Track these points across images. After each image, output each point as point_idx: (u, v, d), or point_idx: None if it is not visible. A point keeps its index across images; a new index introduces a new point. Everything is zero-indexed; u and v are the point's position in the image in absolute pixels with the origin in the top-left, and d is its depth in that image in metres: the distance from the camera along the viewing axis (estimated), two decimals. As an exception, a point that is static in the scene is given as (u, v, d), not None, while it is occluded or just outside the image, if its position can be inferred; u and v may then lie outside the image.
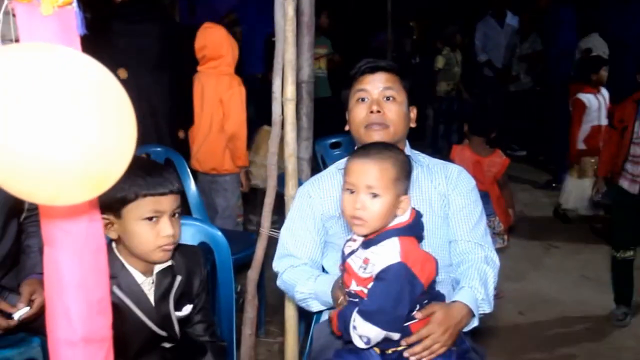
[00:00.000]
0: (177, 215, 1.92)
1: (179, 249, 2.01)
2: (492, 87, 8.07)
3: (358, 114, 2.21)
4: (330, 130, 4.42)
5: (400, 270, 1.73)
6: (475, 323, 1.98)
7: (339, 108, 2.36)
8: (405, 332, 1.81)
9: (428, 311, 1.84)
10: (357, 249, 1.84)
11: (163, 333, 1.95)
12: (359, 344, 1.77)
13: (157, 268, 1.95)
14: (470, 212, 2.22)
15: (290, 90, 2.52)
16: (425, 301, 1.84)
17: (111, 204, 1.79)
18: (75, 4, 1.07)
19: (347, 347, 1.89)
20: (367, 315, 1.74)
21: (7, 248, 2.34)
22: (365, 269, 1.79)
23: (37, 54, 0.97)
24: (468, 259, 2.16)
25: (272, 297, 3.84)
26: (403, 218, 1.82)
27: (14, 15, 1.06)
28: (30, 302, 2.24)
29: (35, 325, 2.34)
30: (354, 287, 1.83)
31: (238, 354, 2.69)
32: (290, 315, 2.70)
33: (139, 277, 1.92)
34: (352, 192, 1.83)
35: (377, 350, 1.82)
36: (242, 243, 3.53)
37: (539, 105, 7.90)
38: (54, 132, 0.90)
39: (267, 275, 3.08)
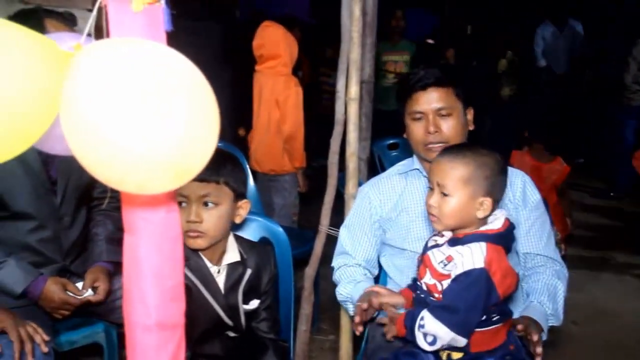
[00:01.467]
0: (210, 205, 1.93)
1: (251, 245, 2.06)
2: (551, 92, 7.93)
3: (416, 132, 2.21)
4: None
5: (481, 276, 1.72)
6: (543, 338, 1.97)
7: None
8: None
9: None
10: (442, 245, 1.85)
11: (229, 322, 2.00)
12: (423, 344, 1.77)
13: (226, 259, 2.00)
14: (540, 226, 2.24)
15: (355, 90, 2.54)
16: (497, 317, 1.81)
17: None
18: (163, 1, 1.11)
19: (404, 350, 1.91)
20: (438, 314, 1.74)
21: (76, 235, 2.42)
22: (445, 265, 1.79)
23: (128, 48, 1.01)
24: (539, 273, 2.19)
25: (324, 295, 3.86)
26: (495, 225, 1.81)
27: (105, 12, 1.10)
28: (93, 289, 2.32)
29: (98, 312, 2.42)
30: (427, 279, 1.84)
31: (293, 350, 2.72)
32: (345, 313, 2.72)
33: (208, 264, 1.97)
34: (431, 189, 1.87)
35: (444, 355, 1.82)
36: (298, 240, 3.55)
37: (595, 111, 7.74)
38: (144, 122, 0.94)
39: (321, 273, 3.10)
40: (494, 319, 1.80)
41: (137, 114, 0.93)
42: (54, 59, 1.02)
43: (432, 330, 1.74)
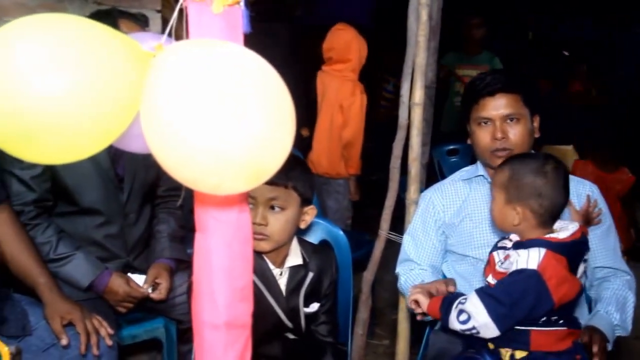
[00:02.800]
0: (277, 209, 1.94)
1: (314, 248, 2.07)
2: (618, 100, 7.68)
3: (481, 138, 2.18)
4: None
5: (532, 277, 1.74)
6: (608, 348, 1.93)
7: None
8: (517, 339, 1.81)
9: None
10: (508, 247, 1.88)
11: (289, 324, 2.01)
12: (453, 321, 1.82)
13: (289, 262, 2.01)
14: (608, 237, 2.21)
15: (419, 95, 2.52)
16: (561, 321, 1.82)
17: None
18: (242, 3, 1.12)
19: (465, 355, 1.91)
20: (484, 297, 1.78)
21: (140, 232, 2.47)
22: (502, 263, 1.84)
23: (207, 49, 1.02)
24: (608, 282, 2.15)
25: (378, 300, 3.85)
26: (560, 235, 1.82)
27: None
28: (154, 285, 2.35)
29: (159, 308, 2.46)
30: (490, 278, 1.88)
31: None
32: (403, 319, 2.70)
33: (270, 266, 1.98)
34: None
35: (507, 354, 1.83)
36: (354, 243, 3.54)
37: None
38: (222, 123, 0.94)
39: (376, 278, 3.08)
40: (556, 321, 1.81)
41: (215, 115, 0.94)
42: (136, 59, 1.04)
43: (471, 309, 1.79)
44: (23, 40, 0.96)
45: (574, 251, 1.83)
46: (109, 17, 2.11)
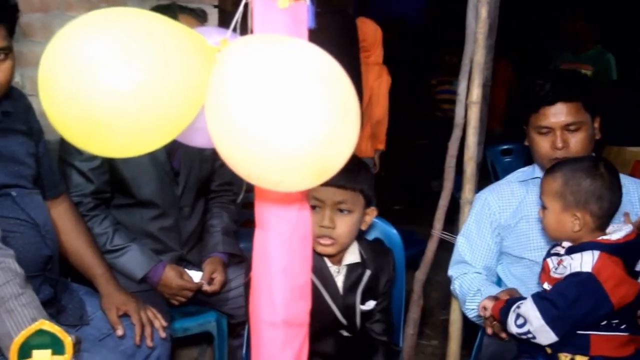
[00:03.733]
0: (344, 212, 1.94)
1: (371, 246, 2.06)
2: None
3: (541, 146, 2.13)
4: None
5: (588, 280, 1.73)
6: None
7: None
8: (577, 343, 1.78)
9: None
10: (562, 252, 1.86)
11: (344, 321, 2.00)
12: (511, 324, 1.81)
13: (346, 260, 2.00)
14: None
15: (476, 93, 2.48)
16: (623, 326, 1.78)
17: None
18: (308, -1, 1.11)
19: (519, 358, 1.89)
20: (538, 301, 1.78)
21: (194, 225, 2.49)
22: (556, 269, 1.83)
23: (272, 44, 1.01)
24: None
25: (427, 300, 3.80)
26: (614, 236, 1.79)
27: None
28: (210, 279, 2.37)
29: (211, 301, 2.48)
30: (546, 285, 1.86)
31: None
32: (455, 320, 2.66)
33: (328, 263, 1.98)
34: None
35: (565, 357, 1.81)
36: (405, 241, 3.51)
37: None
38: (286, 119, 0.93)
39: (426, 277, 3.05)
40: (618, 325, 1.78)
41: (279, 110, 0.93)
42: (202, 53, 1.04)
43: (526, 313, 1.78)
44: (92, 34, 0.97)
45: (629, 252, 1.80)
46: (169, 11, 2.12)
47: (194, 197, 2.47)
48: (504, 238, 2.26)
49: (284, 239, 1.19)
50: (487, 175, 4.12)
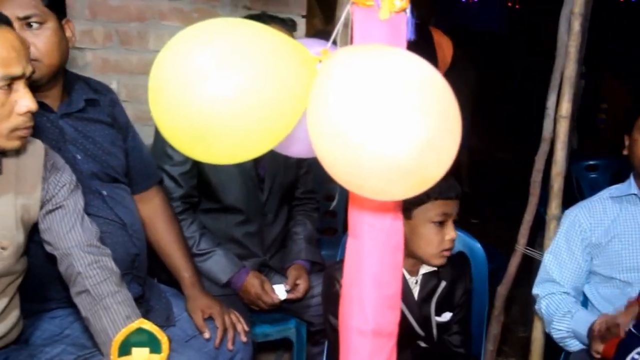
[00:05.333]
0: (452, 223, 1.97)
1: (448, 257, 2.04)
2: None
3: None
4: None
5: None
6: None
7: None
8: None
9: None
10: None
11: (421, 332, 1.99)
12: None
13: (423, 270, 1.99)
14: None
15: (566, 108, 2.43)
16: None
17: (404, 204, 1.86)
18: (409, 10, 1.11)
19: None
20: None
21: (277, 232, 2.52)
22: None
23: (373, 55, 1.02)
24: None
25: (507, 316, 3.74)
26: None
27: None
28: (293, 286, 2.39)
29: (292, 308, 2.50)
30: None
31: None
32: (537, 338, 2.61)
33: (405, 274, 1.97)
34: None
35: None
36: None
37: None
38: (388, 128, 0.94)
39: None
40: None
41: (381, 120, 0.94)
42: (304, 63, 1.06)
43: None
44: (200, 44, 1.00)
45: None
46: (260, 21, 2.14)
47: (278, 204, 2.51)
48: (594, 257, 2.20)
49: (377, 249, 1.19)
50: (571, 191, 4.01)
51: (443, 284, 2.03)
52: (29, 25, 1.78)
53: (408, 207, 1.86)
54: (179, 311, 2.09)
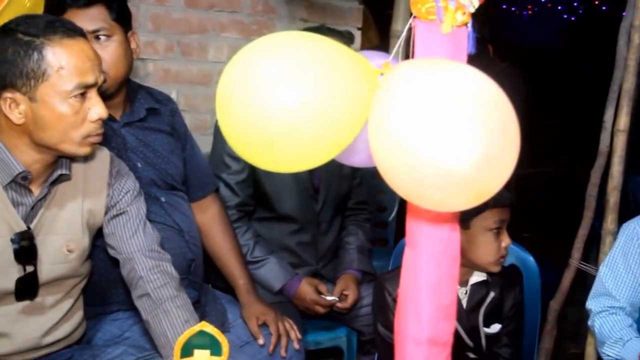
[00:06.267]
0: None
1: None
2: None
3: None
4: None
5: None
6: None
7: None
8: None
9: None
10: None
11: (470, 343, 1.99)
12: None
13: (472, 280, 1.99)
14: None
15: (624, 122, 2.40)
16: None
17: (462, 214, 1.88)
18: (470, 24, 1.13)
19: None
20: None
21: (330, 241, 2.55)
22: None
23: (434, 68, 1.04)
24: None
25: (557, 332, 3.68)
26: None
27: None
28: (341, 295, 2.41)
29: (343, 317, 2.52)
30: None
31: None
32: (590, 354, 2.57)
33: None
34: None
35: None
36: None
37: None
38: (448, 140, 0.96)
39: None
40: None
41: (441, 132, 0.96)
42: (365, 76, 1.08)
43: None
44: (265, 57, 1.04)
45: None
46: (318, 33, 2.19)
47: (332, 213, 2.54)
48: None
49: (433, 259, 1.20)
50: (627, 206, 3.94)
51: (492, 294, 2.02)
52: (97, 38, 1.86)
53: (466, 217, 1.87)
54: (233, 317, 2.13)
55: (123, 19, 1.94)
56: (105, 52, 1.86)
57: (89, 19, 1.85)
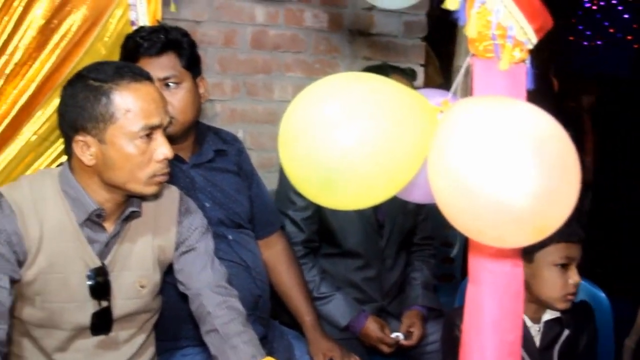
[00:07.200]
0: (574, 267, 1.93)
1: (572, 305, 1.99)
2: None
3: None
4: None
5: None
6: None
7: None
8: None
9: None
10: None
11: None
12: None
13: (546, 317, 1.95)
14: None
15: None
16: None
17: (525, 247, 1.86)
18: (528, 60, 1.14)
19: None
20: None
21: (395, 277, 2.55)
22: None
23: (493, 106, 1.05)
24: None
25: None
26: None
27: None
28: (407, 333, 2.40)
29: (410, 354, 2.49)
30: None
31: None
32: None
33: (527, 321, 1.94)
34: None
35: None
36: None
37: None
38: (508, 176, 0.96)
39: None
40: None
41: (501, 168, 0.97)
42: (424, 113, 1.10)
43: None
44: (327, 97, 1.07)
45: None
46: (381, 71, 2.22)
47: (397, 249, 2.53)
48: None
49: (497, 295, 1.20)
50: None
51: (566, 332, 1.97)
52: (167, 85, 1.94)
53: (530, 250, 1.84)
54: (300, 353, 2.14)
55: (192, 65, 2.01)
56: (174, 98, 1.93)
57: (160, 66, 1.92)
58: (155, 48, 1.92)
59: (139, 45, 1.92)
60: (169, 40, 1.94)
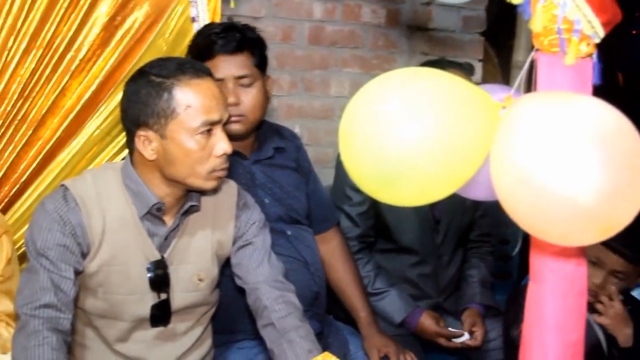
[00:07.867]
0: (616, 281, 1.96)
1: None
2: None
3: None
4: None
5: None
6: None
7: None
8: None
9: None
10: None
11: None
12: None
13: None
14: None
15: None
16: None
17: None
18: (595, 55, 1.11)
19: None
20: None
21: (452, 274, 2.52)
22: None
23: (558, 101, 1.03)
24: None
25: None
26: None
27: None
28: (470, 332, 2.37)
29: (472, 354, 2.45)
30: None
31: None
32: None
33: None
34: None
35: None
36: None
37: None
38: (573, 174, 0.94)
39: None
40: None
41: (566, 165, 0.95)
42: (487, 109, 1.09)
43: None
44: (389, 92, 1.07)
45: None
46: (439, 66, 2.18)
47: (453, 246, 2.51)
48: None
49: (559, 294, 1.17)
50: None
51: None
52: (242, 84, 1.96)
53: None
54: (354, 349, 2.14)
55: (263, 64, 2.04)
56: (247, 97, 1.96)
57: (236, 65, 1.95)
58: (232, 46, 1.94)
59: (213, 43, 1.94)
60: (245, 38, 1.97)
